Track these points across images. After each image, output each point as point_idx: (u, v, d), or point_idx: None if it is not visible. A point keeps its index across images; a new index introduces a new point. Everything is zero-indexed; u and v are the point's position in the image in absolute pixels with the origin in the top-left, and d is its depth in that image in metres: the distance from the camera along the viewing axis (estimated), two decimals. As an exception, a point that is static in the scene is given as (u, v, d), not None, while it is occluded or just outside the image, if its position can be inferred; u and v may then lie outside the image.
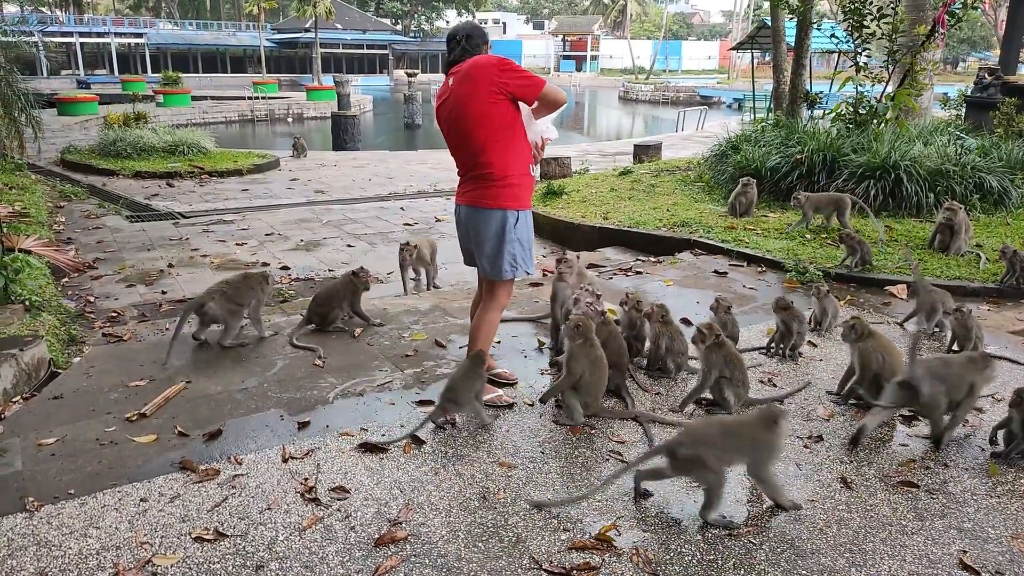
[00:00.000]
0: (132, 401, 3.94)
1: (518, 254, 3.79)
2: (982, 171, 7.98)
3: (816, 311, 5.04)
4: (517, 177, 3.72)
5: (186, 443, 3.52)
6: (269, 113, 33.54)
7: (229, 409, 3.87)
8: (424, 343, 4.86)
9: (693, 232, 7.65)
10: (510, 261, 3.79)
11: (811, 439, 3.60)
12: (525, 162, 3.75)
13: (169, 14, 68.97)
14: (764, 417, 2.97)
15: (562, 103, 3.67)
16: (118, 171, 13.99)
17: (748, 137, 10.23)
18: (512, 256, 3.78)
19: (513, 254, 3.78)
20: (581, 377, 3.65)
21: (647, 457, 3.04)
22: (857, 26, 9.22)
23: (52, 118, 24.54)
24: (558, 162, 12.68)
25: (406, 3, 70.85)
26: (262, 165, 15.32)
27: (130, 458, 3.39)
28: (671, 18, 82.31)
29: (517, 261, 3.79)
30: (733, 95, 43.23)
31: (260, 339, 4.87)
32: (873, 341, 3.84)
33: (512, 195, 3.72)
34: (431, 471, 3.29)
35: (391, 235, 9.48)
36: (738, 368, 3.79)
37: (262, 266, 7.81)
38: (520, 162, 3.73)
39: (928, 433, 3.61)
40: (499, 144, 3.63)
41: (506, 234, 3.73)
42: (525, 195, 3.78)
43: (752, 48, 23.46)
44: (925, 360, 3.63)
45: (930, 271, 6.17)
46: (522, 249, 3.80)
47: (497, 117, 3.57)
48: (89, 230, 9.50)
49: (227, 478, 3.21)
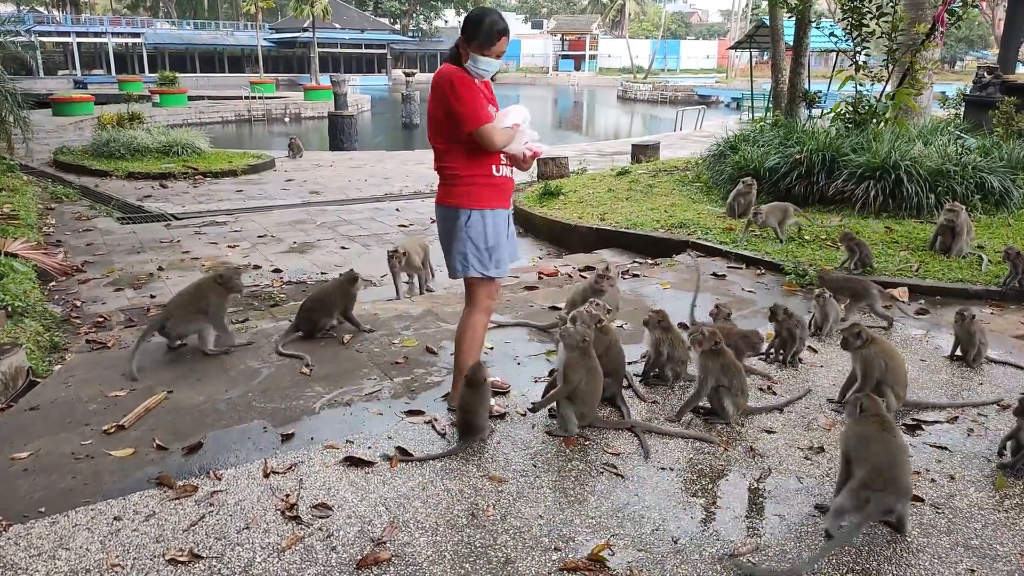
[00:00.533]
0: (111, 412, 3.82)
1: (469, 253, 3.67)
2: (983, 171, 7.85)
3: (817, 315, 4.92)
4: (479, 178, 3.62)
5: (164, 457, 3.39)
6: (266, 113, 33.40)
7: (211, 420, 3.74)
8: (415, 349, 4.73)
9: (691, 233, 7.53)
10: (460, 260, 3.70)
11: (812, 450, 3.49)
12: (487, 164, 3.62)
13: (167, 14, 68.74)
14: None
15: (495, 149, 3.53)
16: (111, 172, 13.84)
17: (746, 137, 10.11)
18: (463, 255, 3.68)
19: (464, 252, 3.67)
20: (577, 387, 3.53)
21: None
22: (856, 25, 9.09)
23: (47, 118, 24.47)
24: (556, 162, 12.55)
25: (404, 3, 70.67)
26: (257, 166, 15.19)
27: (106, 473, 3.27)
28: (669, 17, 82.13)
29: (468, 261, 3.68)
30: (731, 94, 43.06)
31: (237, 346, 4.73)
32: (875, 347, 3.72)
33: (467, 193, 3.62)
34: (418, 486, 3.16)
35: (386, 237, 9.36)
36: (737, 377, 3.67)
37: (253, 269, 7.70)
38: (485, 165, 3.61)
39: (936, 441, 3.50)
40: (460, 149, 3.57)
41: (456, 231, 3.66)
42: (485, 196, 3.64)
43: (750, 47, 23.38)
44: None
45: (932, 274, 6.05)
46: (475, 249, 3.67)
47: (453, 128, 3.53)
48: (79, 232, 9.37)
49: (205, 495, 3.08)
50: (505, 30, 3.53)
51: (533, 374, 4.33)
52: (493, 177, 3.66)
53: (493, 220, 3.69)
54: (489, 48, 3.50)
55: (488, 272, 3.72)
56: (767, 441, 3.58)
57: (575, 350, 3.51)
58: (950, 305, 5.51)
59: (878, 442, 2.84)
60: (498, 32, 3.49)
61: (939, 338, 4.95)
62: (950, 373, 4.41)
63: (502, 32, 3.51)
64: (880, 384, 3.69)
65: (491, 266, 3.72)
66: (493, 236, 3.69)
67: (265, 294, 6.78)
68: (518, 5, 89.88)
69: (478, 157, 3.62)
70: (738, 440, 3.59)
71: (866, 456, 2.82)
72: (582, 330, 3.53)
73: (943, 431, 3.68)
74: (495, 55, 3.54)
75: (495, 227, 3.70)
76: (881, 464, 2.79)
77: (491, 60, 3.53)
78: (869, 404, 2.95)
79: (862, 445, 2.86)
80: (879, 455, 2.80)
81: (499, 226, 3.72)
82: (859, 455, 2.85)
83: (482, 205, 3.65)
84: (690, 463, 3.38)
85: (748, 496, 3.13)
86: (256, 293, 6.84)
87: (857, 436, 2.90)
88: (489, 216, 3.68)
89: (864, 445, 2.86)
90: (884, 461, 2.79)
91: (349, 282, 5.03)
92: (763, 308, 5.53)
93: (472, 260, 3.69)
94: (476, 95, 3.49)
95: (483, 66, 3.54)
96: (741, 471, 3.32)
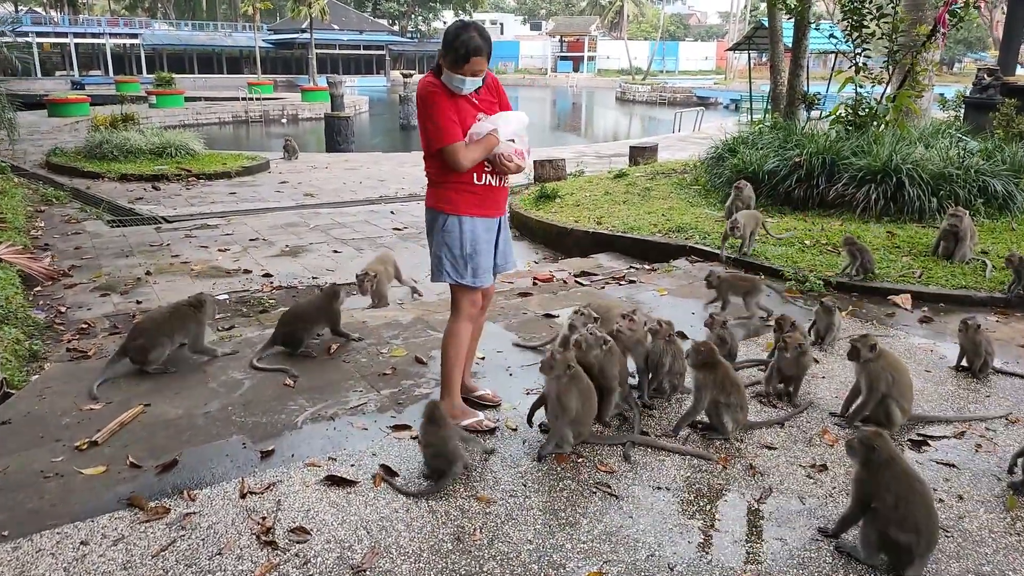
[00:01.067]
0: (85, 427, 3.66)
1: (444, 258, 3.56)
2: (986, 175, 7.72)
3: (820, 324, 4.76)
4: (459, 184, 3.49)
5: (137, 476, 3.24)
6: (263, 114, 33.20)
7: (188, 436, 3.59)
8: (403, 360, 4.58)
9: (689, 238, 7.39)
10: (435, 264, 3.63)
11: (815, 468, 3.34)
12: (472, 172, 3.48)
13: (165, 15, 68.59)
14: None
15: (460, 169, 3.40)
16: (103, 174, 13.68)
17: (745, 139, 9.97)
18: (438, 259, 3.59)
19: (439, 257, 3.58)
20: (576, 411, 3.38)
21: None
22: (857, 26, 8.95)
23: (42, 119, 24.32)
24: (552, 164, 12.42)
25: (403, 4, 70.53)
26: (251, 167, 15.03)
27: (75, 493, 3.12)
28: (668, 19, 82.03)
29: (443, 266, 3.57)
30: (730, 96, 42.92)
31: (216, 358, 4.57)
32: (883, 360, 3.58)
33: (445, 197, 3.52)
34: (402, 507, 3.02)
35: (380, 240, 9.22)
36: (736, 392, 3.52)
37: (243, 273, 7.55)
38: (466, 171, 3.47)
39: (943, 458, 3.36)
40: (440, 154, 3.45)
41: (434, 235, 3.60)
42: (464, 202, 3.51)
43: (749, 49, 23.25)
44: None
45: (935, 280, 5.91)
46: (451, 255, 3.55)
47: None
48: (68, 236, 9.22)
49: (178, 517, 2.94)
50: (477, 49, 3.28)
51: (525, 385, 4.18)
52: (473, 184, 3.52)
53: (471, 228, 3.55)
54: (460, 68, 3.32)
55: (463, 280, 3.59)
56: (767, 458, 3.43)
57: (563, 379, 3.34)
58: (954, 312, 5.39)
59: (907, 495, 2.60)
60: (468, 52, 3.27)
61: (943, 347, 4.81)
62: (955, 385, 4.27)
63: (473, 52, 3.28)
64: (885, 398, 3.55)
65: (466, 274, 3.58)
66: (470, 244, 3.55)
67: (254, 300, 6.64)
68: (517, 6, 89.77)
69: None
70: (737, 457, 3.44)
71: (901, 515, 2.58)
72: (563, 359, 3.34)
73: (950, 447, 3.53)
74: (469, 74, 3.34)
75: (473, 235, 3.56)
76: (920, 525, 2.59)
77: (465, 79, 3.36)
78: (877, 443, 2.69)
79: (886, 494, 2.62)
80: (915, 512, 2.58)
81: (477, 234, 3.57)
82: (893, 514, 2.60)
83: (459, 211, 3.52)
84: (687, 482, 3.23)
85: (748, 518, 2.98)
86: (245, 299, 6.70)
87: (877, 483, 2.65)
88: (467, 223, 3.54)
89: (889, 495, 2.61)
90: (923, 521, 2.59)
91: (330, 298, 4.78)
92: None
93: (447, 265, 3.58)
94: (445, 112, 3.35)
95: (457, 84, 3.38)
96: (740, 491, 3.17)
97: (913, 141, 8.47)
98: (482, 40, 3.32)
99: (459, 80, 3.36)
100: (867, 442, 2.69)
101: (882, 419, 3.60)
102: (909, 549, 2.57)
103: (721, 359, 3.61)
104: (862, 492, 2.71)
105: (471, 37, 3.29)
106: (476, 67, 3.34)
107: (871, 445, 2.68)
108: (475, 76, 3.38)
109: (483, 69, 3.40)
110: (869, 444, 2.69)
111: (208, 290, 6.90)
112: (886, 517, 2.60)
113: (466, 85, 3.39)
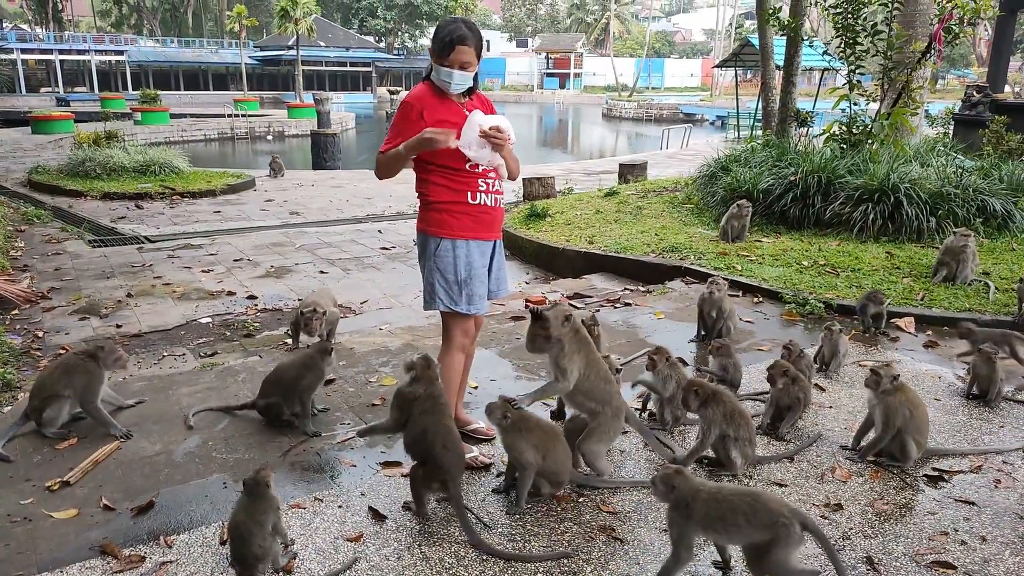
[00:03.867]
0: (57, 465, 3.45)
1: (437, 284, 3.41)
2: (984, 193, 7.63)
3: (825, 350, 4.60)
4: (453, 205, 3.36)
5: (111, 519, 3.03)
6: (249, 131, 32.99)
7: (165, 475, 3.38)
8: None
9: (684, 258, 7.25)
10: (428, 290, 3.47)
11: (828, 507, 3.17)
12: (460, 191, 3.36)
13: (151, 31, 68.36)
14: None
15: (378, 176, 3.42)
16: (86, 192, 13.44)
17: (738, 158, 9.87)
18: (431, 286, 3.44)
19: (431, 283, 3.43)
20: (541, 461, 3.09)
21: None
22: (851, 43, 8.89)
23: (25, 136, 24.10)
24: (541, 182, 12.29)
25: (389, 21, 70.58)
26: (236, 185, 14.82)
27: (43, 540, 2.91)
28: (654, 36, 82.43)
29: (435, 292, 3.42)
30: (716, 112, 43.12)
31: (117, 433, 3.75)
32: (902, 395, 3.42)
33: (436, 220, 3.39)
34: (393, 554, 2.82)
35: (367, 260, 9.04)
36: (744, 425, 3.34)
37: (227, 295, 7.34)
38: (451, 190, 3.36)
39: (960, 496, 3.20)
40: (432, 173, 3.38)
41: (426, 260, 3.45)
42: (458, 225, 3.38)
43: (736, 66, 23.34)
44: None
45: (938, 302, 5.78)
46: (444, 281, 3.40)
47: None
48: (48, 256, 8.98)
49: (153, 566, 2.73)
50: (462, 38, 3.24)
51: (521, 417, 4.00)
52: (469, 205, 3.38)
53: (466, 252, 3.40)
54: (446, 57, 3.25)
55: (457, 307, 3.42)
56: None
57: (507, 431, 3.07)
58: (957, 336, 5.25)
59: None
60: (452, 40, 3.22)
61: (951, 374, 4.67)
62: (967, 414, 4.11)
63: (458, 40, 3.23)
64: (900, 433, 3.39)
65: (461, 301, 3.42)
66: (465, 269, 3.40)
67: (238, 323, 6.43)
68: (503, 24, 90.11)
69: (452, 183, 3.35)
70: (746, 494, 3.27)
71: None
72: (500, 406, 3.06)
73: (967, 483, 3.37)
74: (456, 65, 3.26)
75: (468, 259, 3.41)
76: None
77: (452, 71, 3.27)
78: (676, 481, 2.52)
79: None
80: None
81: (473, 258, 3.42)
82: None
83: (453, 234, 3.38)
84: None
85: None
86: (229, 322, 6.49)
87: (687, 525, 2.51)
88: (461, 247, 3.39)
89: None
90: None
91: (321, 353, 3.91)
92: (761, 340, 5.26)
93: (440, 292, 3.42)
94: (399, 123, 3.32)
95: (444, 77, 3.29)
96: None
97: (909, 159, 8.39)
98: (468, 30, 3.28)
99: (446, 73, 3.27)
100: (668, 481, 2.55)
101: (896, 454, 3.45)
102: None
103: (723, 391, 3.43)
104: (680, 536, 2.55)
105: (457, 27, 3.28)
106: (463, 57, 3.25)
107: (671, 484, 2.54)
108: (463, 70, 3.29)
109: (471, 63, 3.30)
110: (669, 483, 2.55)
111: (191, 313, 6.72)
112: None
113: (454, 79, 3.29)
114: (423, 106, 3.29)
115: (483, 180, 3.39)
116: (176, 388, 4.37)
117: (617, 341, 5.21)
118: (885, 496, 3.26)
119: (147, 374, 4.70)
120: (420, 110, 3.28)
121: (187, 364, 4.93)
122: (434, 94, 3.34)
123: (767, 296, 6.18)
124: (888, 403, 3.41)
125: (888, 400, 3.41)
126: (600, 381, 3.27)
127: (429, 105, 3.30)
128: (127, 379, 4.58)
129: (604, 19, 78.05)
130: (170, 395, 4.28)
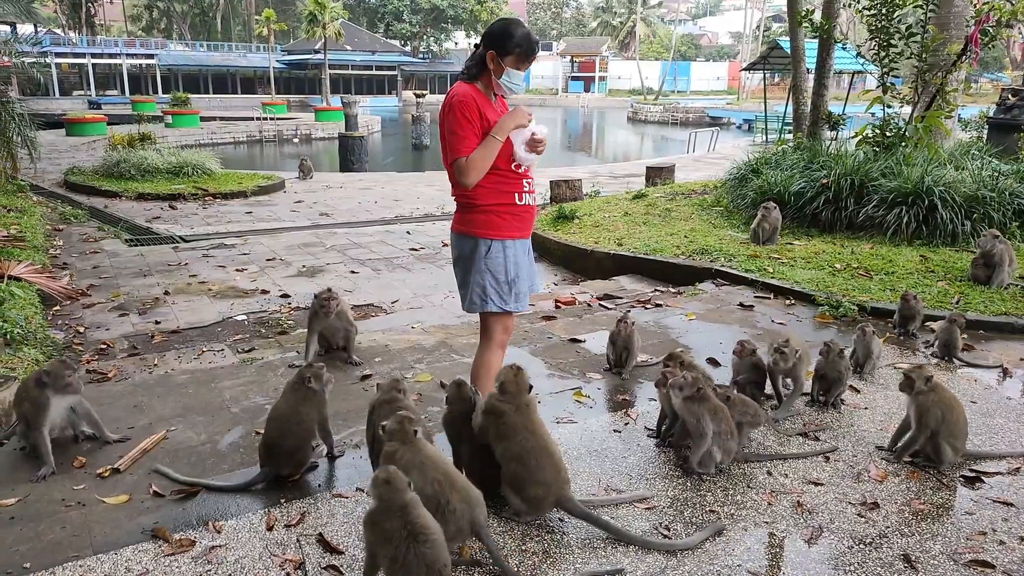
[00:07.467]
0: (106, 453, 3.56)
1: (488, 286, 3.44)
2: (1021, 197, 7.56)
3: (859, 352, 4.60)
4: (500, 207, 3.41)
5: (160, 505, 3.13)
6: (277, 134, 33.38)
7: (211, 464, 3.48)
8: (428, 385, 4.47)
9: (714, 260, 7.26)
10: (478, 293, 3.47)
11: (865, 506, 3.18)
12: (508, 192, 3.41)
13: (180, 36, 69.37)
14: None
15: (464, 185, 3.31)
16: (121, 193, 13.72)
17: (768, 160, 9.85)
18: (481, 288, 3.46)
19: (482, 285, 3.45)
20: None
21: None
22: (885, 45, 8.84)
23: (60, 139, 24.55)
24: (568, 184, 12.33)
25: (415, 25, 71.09)
26: (267, 187, 15.04)
27: (97, 524, 3.00)
28: (680, 39, 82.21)
29: (487, 294, 3.45)
30: (743, 116, 42.89)
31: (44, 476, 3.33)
32: (935, 396, 3.42)
33: (485, 222, 3.41)
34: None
35: (396, 260, 9.13)
36: (724, 420, 3.33)
37: (261, 293, 7.46)
38: (500, 192, 3.40)
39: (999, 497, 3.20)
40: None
41: (474, 263, 3.45)
42: (505, 225, 3.43)
43: (764, 69, 23.22)
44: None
45: (973, 306, 5.74)
46: (495, 282, 3.44)
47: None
48: (86, 255, 9.18)
49: (203, 550, 2.82)
50: (538, 46, 3.48)
51: (555, 414, 4.05)
52: (515, 206, 3.44)
53: (514, 251, 3.47)
54: (524, 61, 3.38)
55: (507, 306, 3.49)
56: (814, 495, 3.27)
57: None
58: (994, 340, 5.23)
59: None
60: (534, 48, 3.40)
61: (988, 377, 4.65)
62: (1005, 417, 4.10)
63: (537, 47, 3.44)
64: (935, 435, 3.39)
65: (510, 300, 3.49)
66: (513, 268, 3.47)
67: (273, 320, 6.55)
68: (528, 27, 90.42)
69: (500, 185, 3.40)
70: (783, 493, 3.29)
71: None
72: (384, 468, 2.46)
73: (1006, 484, 3.37)
74: (527, 67, 3.46)
75: (516, 258, 3.48)
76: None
77: (521, 73, 3.42)
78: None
79: None
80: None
81: (519, 257, 3.50)
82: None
83: (502, 235, 3.44)
84: (732, 519, 3.08)
85: (799, 561, 2.83)
86: (264, 320, 6.61)
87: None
88: (510, 247, 3.46)
89: None
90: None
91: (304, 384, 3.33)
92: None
93: (491, 293, 3.46)
94: (468, 124, 3.27)
95: (515, 80, 3.39)
96: (788, 530, 3.02)
97: (943, 162, 8.33)
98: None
99: (518, 76, 3.40)
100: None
101: (931, 455, 3.45)
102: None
103: (708, 391, 3.37)
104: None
105: (531, 33, 3.42)
106: (532, 63, 3.50)
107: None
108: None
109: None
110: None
111: (227, 310, 6.84)
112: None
113: (523, 83, 3.47)
114: (477, 104, 3.33)
115: (526, 180, 3.46)
116: (219, 381, 4.48)
117: (649, 341, 5.24)
118: (922, 496, 3.27)
119: (189, 367, 4.80)
120: (477, 108, 3.32)
121: (226, 359, 5.04)
122: (481, 93, 3.38)
123: (799, 299, 6.18)
124: (920, 403, 3.42)
125: (920, 400, 3.42)
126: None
127: (481, 103, 3.35)
128: (170, 372, 4.69)
129: (630, 22, 77.99)
130: (212, 388, 4.39)
